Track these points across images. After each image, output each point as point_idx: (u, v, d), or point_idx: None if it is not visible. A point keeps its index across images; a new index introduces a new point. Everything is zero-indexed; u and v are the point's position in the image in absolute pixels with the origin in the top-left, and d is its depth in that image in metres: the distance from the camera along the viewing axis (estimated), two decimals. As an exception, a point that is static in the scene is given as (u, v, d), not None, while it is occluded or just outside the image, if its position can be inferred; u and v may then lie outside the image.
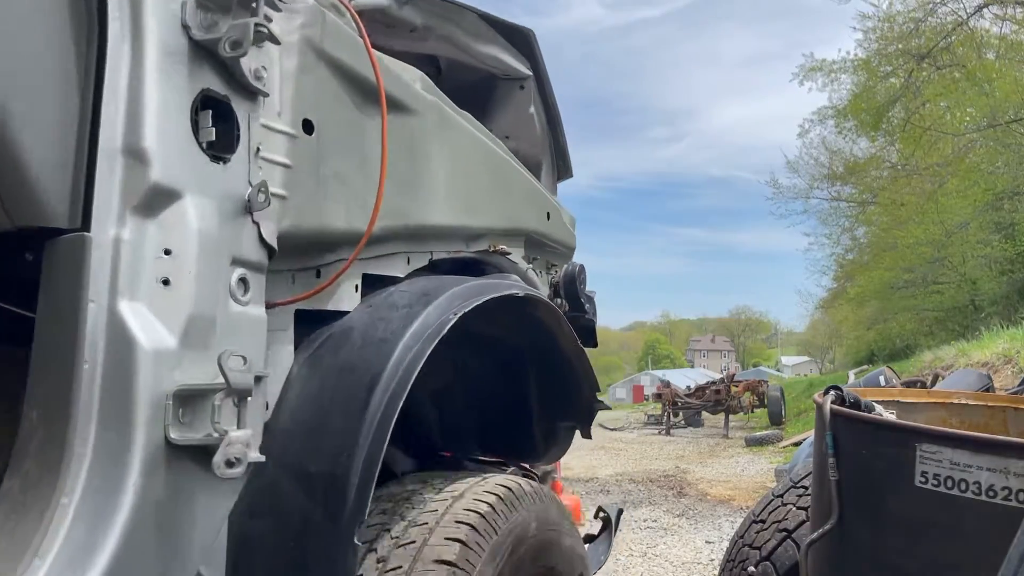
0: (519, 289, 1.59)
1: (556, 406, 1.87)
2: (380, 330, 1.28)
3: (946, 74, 18.03)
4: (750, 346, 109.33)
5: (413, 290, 1.41)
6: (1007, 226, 15.32)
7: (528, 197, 2.05)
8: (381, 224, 1.38)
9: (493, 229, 1.85)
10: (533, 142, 2.41)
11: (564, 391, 1.85)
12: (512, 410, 1.86)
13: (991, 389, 5.20)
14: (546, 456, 1.93)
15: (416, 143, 1.52)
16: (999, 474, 1.17)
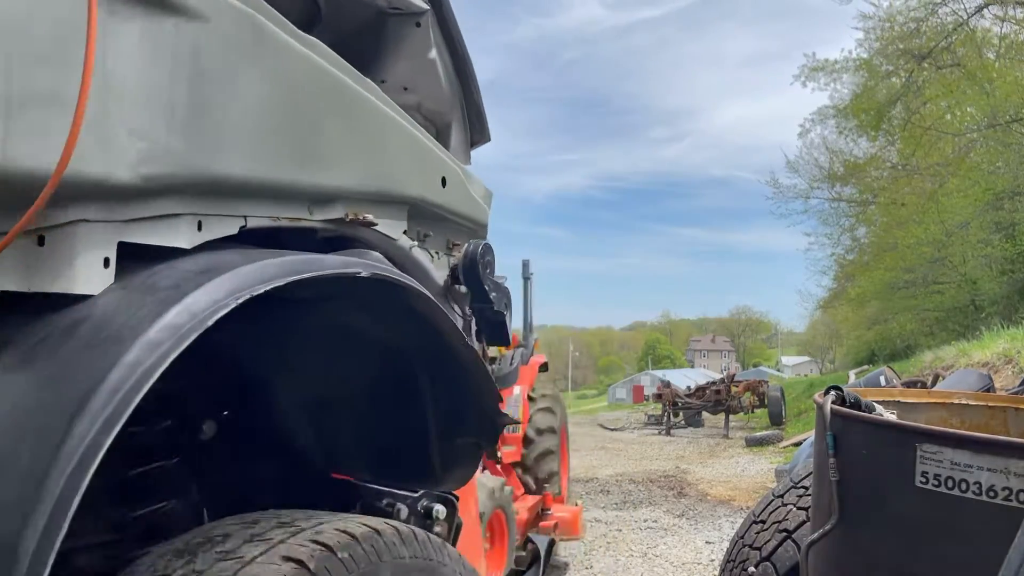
0: (362, 268, 1.17)
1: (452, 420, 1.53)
2: (119, 322, 0.93)
3: (946, 74, 18.03)
4: (750, 346, 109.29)
5: (188, 267, 1.03)
6: (1007, 226, 15.31)
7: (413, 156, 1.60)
8: (143, 170, 0.98)
9: (352, 192, 1.40)
10: (438, 96, 1.96)
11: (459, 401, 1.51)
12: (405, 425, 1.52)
13: (991, 389, 5.19)
14: (447, 479, 1.58)
15: (205, 60, 1.08)
16: (999, 474, 1.17)
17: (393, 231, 1.51)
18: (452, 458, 1.58)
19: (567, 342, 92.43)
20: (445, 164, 1.75)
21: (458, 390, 1.50)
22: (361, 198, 1.43)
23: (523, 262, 6.02)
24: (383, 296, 1.25)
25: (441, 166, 1.74)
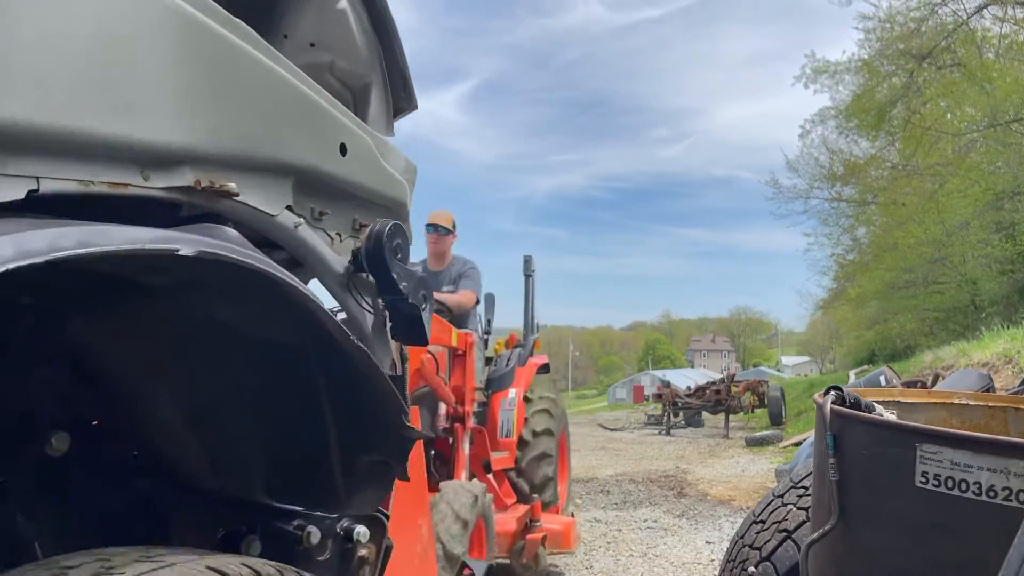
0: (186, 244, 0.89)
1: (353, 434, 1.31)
2: None
3: (946, 74, 18.03)
4: (750, 346, 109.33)
5: None
6: (1008, 226, 15.31)
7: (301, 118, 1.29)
8: None
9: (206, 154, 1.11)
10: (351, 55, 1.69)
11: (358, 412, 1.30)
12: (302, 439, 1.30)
13: (991, 389, 5.18)
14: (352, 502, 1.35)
15: None
16: (999, 474, 1.17)
17: (271, 205, 1.22)
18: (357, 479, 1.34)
19: (567, 342, 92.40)
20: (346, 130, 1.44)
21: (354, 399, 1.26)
22: (220, 162, 1.13)
23: (524, 258, 5.66)
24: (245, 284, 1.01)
25: (341, 132, 1.42)
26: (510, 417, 4.53)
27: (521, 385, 4.81)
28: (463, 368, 3.90)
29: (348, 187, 1.44)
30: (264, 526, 1.27)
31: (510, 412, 4.56)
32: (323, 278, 1.29)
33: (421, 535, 1.94)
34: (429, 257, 4.71)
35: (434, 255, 4.68)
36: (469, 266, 4.70)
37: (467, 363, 3.88)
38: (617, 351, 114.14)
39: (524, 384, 4.88)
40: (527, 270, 5.63)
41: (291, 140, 1.27)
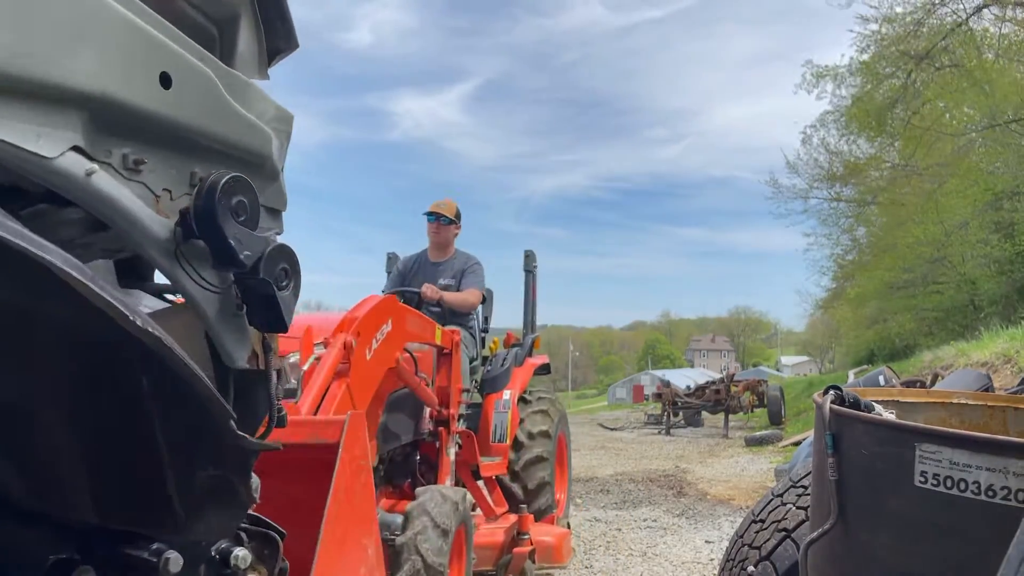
0: None
1: (181, 445, 1.06)
2: None
3: (945, 74, 18.04)
4: (750, 346, 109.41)
5: None
6: (1007, 226, 15.32)
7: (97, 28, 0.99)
8: None
9: None
10: None
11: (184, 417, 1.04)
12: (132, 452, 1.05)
13: (991, 389, 5.19)
14: (194, 526, 1.08)
15: None
16: (999, 474, 1.17)
17: (45, 144, 0.93)
18: (199, 497, 1.11)
19: (567, 342, 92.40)
20: (172, 57, 1.12)
21: (175, 402, 1.02)
22: None
23: (525, 254, 5.30)
24: None
25: (162, 58, 1.08)
26: (504, 420, 4.27)
27: (517, 386, 4.54)
28: (449, 368, 3.63)
29: (178, 130, 1.14)
30: (104, 553, 1.06)
31: (504, 415, 4.29)
32: (142, 245, 1.00)
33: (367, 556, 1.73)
34: (430, 248, 4.52)
35: (435, 245, 4.48)
36: (473, 262, 4.47)
37: (453, 363, 3.61)
38: (617, 351, 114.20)
39: (520, 385, 4.61)
40: (527, 266, 5.30)
41: (78, 59, 0.95)
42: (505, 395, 4.35)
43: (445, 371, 3.61)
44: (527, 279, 5.31)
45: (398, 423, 3.25)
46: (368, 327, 2.71)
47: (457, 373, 3.67)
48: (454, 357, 3.61)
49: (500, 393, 4.36)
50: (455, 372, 3.63)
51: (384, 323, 2.82)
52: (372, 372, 2.72)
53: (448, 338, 3.60)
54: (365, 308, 2.79)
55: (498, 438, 4.24)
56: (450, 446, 3.55)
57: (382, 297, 2.94)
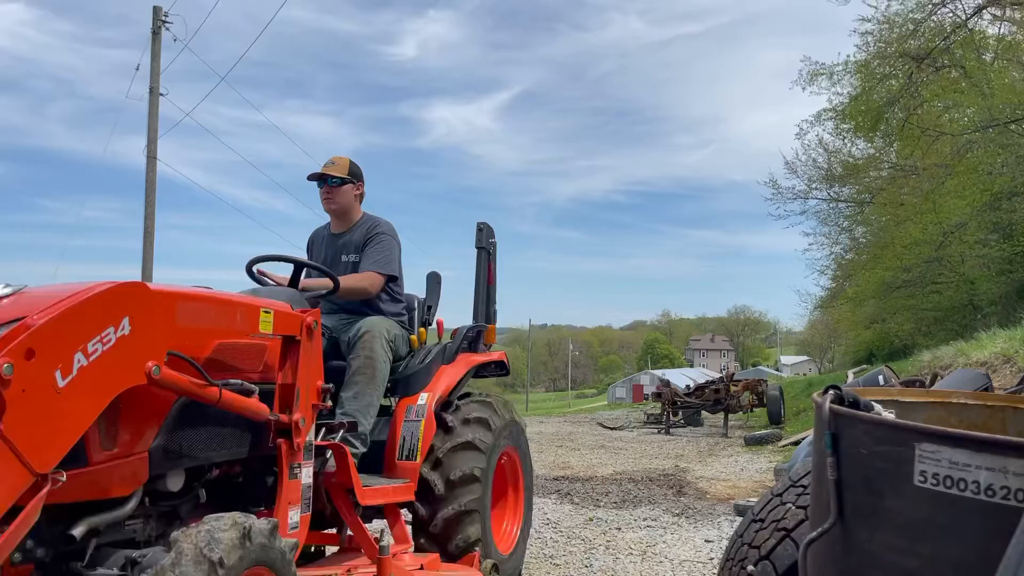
0: None
1: None
2: None
3: (944, 75, 18.05)
4: (749, 345, 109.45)
5: None
6: (1005, 226, 15.33)
7: None
8: None
9: None
10: None
11: None
12: None
13: (990, 388, 5.21)
14: None
15: None
16: (998, 473, 1.17)
17: None
18: None
19: (567, 342, 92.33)
20: None
21: None
22: None
23: (478, 226, 4.07)
24: None
25: None
26: (414, 431, 3.28)
27: (440, 389, 3.46)
28: (295, 361, 2.55)
29: None
30: None
31: (415, 424, 3.29)
32: None
33: None
34: (331, 219, 3.71)
35: (332, 215, 3.66)
36: (377, 230, 3.53)
37: (301, 353, 2.55)
38: (617, 350, 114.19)
39: (445, 388, 3.49)
40: (481, 241, 4.07)
41: None
42: (420, 399, 3.38)
43: (290, 365, 2.56)
44: (480, 257, 4.08)
45: (208, 436, 2.32)
46: (57, 339, 1.71)
47: (312, 367, 2.62)
48: (302, 346, 2.56)
49: (415, 397, 3.40)
50: (303, 365, 2.56)
51: (108, 326, 1.84)
52: (78, 404, 1.75)
53: (291, 322, 2.53)
54: (56, 309, 1.72)
55: (405, 454, 3.26)
56: (298, 464, 2.53)
57: (107, 285, 1.89)
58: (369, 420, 3.15)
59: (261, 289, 3.03)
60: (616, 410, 27.11)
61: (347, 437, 2.97)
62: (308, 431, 2.58)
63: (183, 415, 2.19)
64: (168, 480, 2.22)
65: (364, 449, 3.12)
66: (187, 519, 2.29)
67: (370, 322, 3.28)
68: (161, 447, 2.11)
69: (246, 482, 2.65)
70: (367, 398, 3.14)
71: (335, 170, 3.56)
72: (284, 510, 2.47)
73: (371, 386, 3.16)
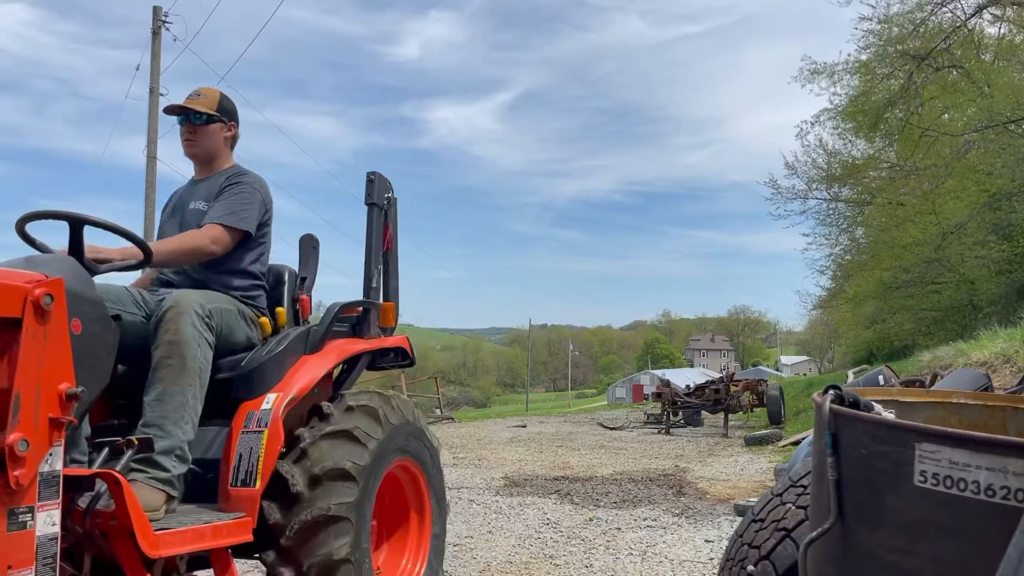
0: None
1: None
2: None
3: (944, 75, 18.06)
4: (749, 345, 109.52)
5: None
6: (1005, 226, 15.33)
7: None
8: None
9: None
10: None
11: None
12: None
13: (990, 388, 5.20)
14: None
15: None
16: (998, 473, 1.17)
17: None
18: None
19: (567, 342, 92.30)
20: None
21: None
22: None
23: (368, 178, 3.25)
24: None
25: None
26: (253, 447, 2.39)
27: (294, 387, 2.60)
28: (14, 354, 1.67)
29: None
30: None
31: (255, 437, 2.41)
32: None
33: None
34: (194, 167, 3.03)
35: (195, 161, 2.98)
36: (240, 178, 2.83)
37: (23, 342, 1.67)
38: (616, 350, 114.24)
39: (303, 385, 2.64)
40: (373, 196, 3.24)
41: None
42: (266, 402, 2.51)
43: (7, 360, 1.67)
44: (372, 215, 3.26)
45: None
46: None
47: (47, 362, 1.72)
48: (26, 332, 1.68)
49: (258, 400, 2.52)
50: (29, 360, 1.68)
51: None
52: None
53: (5, 297, 1.66)
54: None
55: (240, 479, 2.38)
56: (25, 507, 1.65)
57: None
58: (184, 427, 2.30)
59: (33, 257, 2.16)
60: (616, 410, 27.12)
61: (146, 459, 2.18)
62: (41, 458, 1.69)
63: None
64: None
65: (181, 469, 2.29)
66: None
67: (176, 296, 2.42)
68: None
69: None
70: (176, 398, 2.30)
71: (201, 104, 2.84)
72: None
73: (180, 381, 2.31)
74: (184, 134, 2.89)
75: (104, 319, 2.05)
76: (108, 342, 2.08)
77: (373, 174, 3.27)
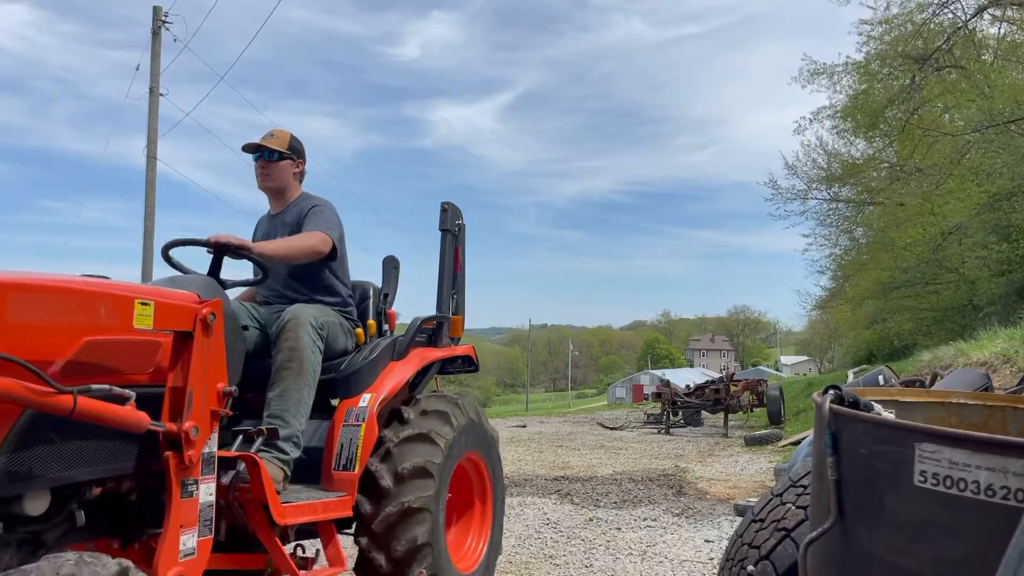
0: None
1: None
2: None
3: (945, 75, 18.06)
4: (749, 345, 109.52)
5: None
6: (1005, 227, 15.32)
7: None
8: None
9: None
10: None
11: None
12: None
13: (990, 388, 5.20)
14: None
15: None
16: (998, 473, 1.17)
17: None
18: None
19: (567, 342, 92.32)
20: None
21: None
22: None
23: (442, 207, 3.68)
24: None
25: None
26: (353, 438, 2.89)
27: (385, 389, 3.08)
28: (187, 360, 2.16)
29: None
30: None
31: (355, 430, 2.91)
32: None
33: None
34: (269, 200, 3.36)
35: (269, 193, 3.31)
36: (317, 203, 3.22)
37: (194, 351, 2.16)
38: (616, 350, 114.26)
39: (392, 387, 3.12)
40: (446, 223, 3.68)
41: None
42: (362, 400, 3.01)
43: (181, 365, 2.18)
44: (445, 241, 3.72)
45: (71, 451, 1.97)
46: None
47: (210, 366, 2.22)
48: (196, 343, 2.17)
49: (356, 399, 3.02)
50: (198, 365, 2.17)
51: None
52: None
53: (179, 315, 2.15)
54: None
55: (342, 464, 2.88)
56: (192, 480, 2.16)
57: None
58: (300, 419, 2.77)
59: (177, 277, 2.66)
60: (616, 410, 27.12)
61: (271, 444, 2.62)
62: (204, 442, 2.17)
63: (33, 428, 1.84)
64: (25, 503, 1.87)
65: (296, 454, 2.74)
66: (57, 545, 1.96)
67: (294, 309, 2.90)
68: (6, 466, 1.78)
69: (140, 501, 2.24)
70: (295, 395, 2.75)
71: (274, 142, 3.22)
72: (174, 534, 2.09)
73: (299, 381, 2.77)
74: (258, 169, 3.27)
75: (238, 330, 2.49)
76: (239, 349, 2.52)
77: (447, 204, 3.71)
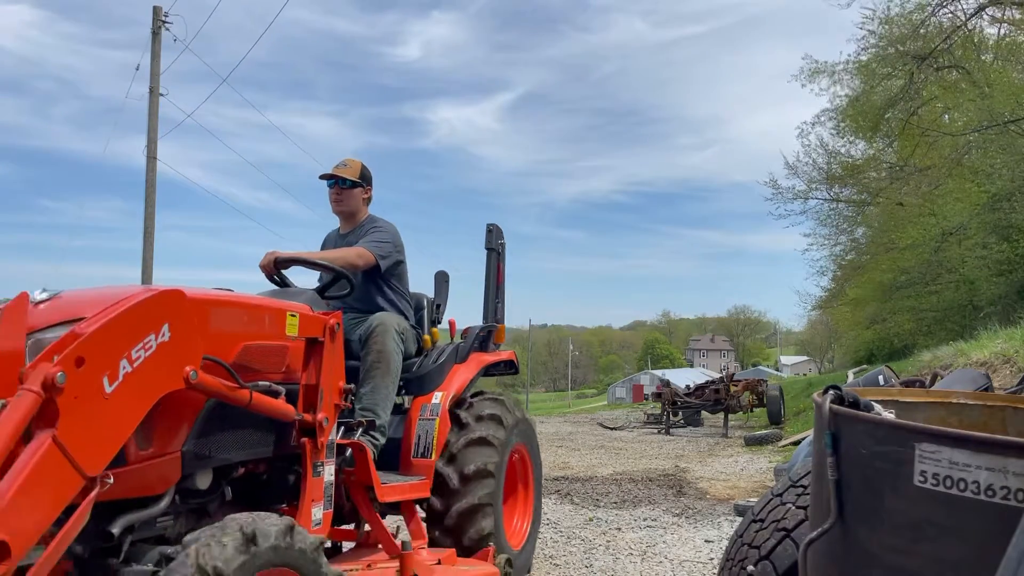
0: None
1: None
2: None
3: (944, 75, 18.05)
4: (749, 346, 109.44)
5: None
6: (1005, 227, 15.31)
7: None
8: None
9: None
10: None
11: None
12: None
13: (990, 389, 5.20)
14: None
15: None
16: (998, 473, 1.17)
17: None
18: None
19: (567, 342, 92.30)
20: None
21: None
22: None
23: (488, 228, 4.21)
24: None
25: None
26: (429, 430, 3.43)
27: (453, 388, 3.62)
28: (319, 362, 2.66)
29: None
30: None
31: (430, 423, 3.45)
32: None
33: None
34: (340, 221, 3.84)
35: (341, 216, 3.79)
36: (378, 223, 3.68)
37: (325, 355, 2.66)
38: (616, 350, 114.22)
39: (458, 386, 3.66)
40: (491, 243, 4.20)
41: None
42: (435, 398, 3.54)
43: (314, 366, 2.68)
44: (490, 258, 4.24)
45: (236, 437, 2.42)
46: (105, 346, 1.78)
47: (334, 368, 2.73)
48: (326, 347, 2.68)
49: (429, 396, 3.55)
50: (326, 366, 2.68)
51: (150, 333, 1.92)
52: (123, 409, 1.83)
53: (314, 324, 2.66)
54: (103, 317, 1.81)
55: (421, 451, 3.42)
56: (320, 462, 2.67)
57: (149, 293, 1.99)
58: (387, 412, 3.26)
59: (282, 291, 3.18)
60: (616, 410, 27.11)
61: (366, 433, 3.10)
62: (331, 430, 2.69)
63: (213, 416, 2.28)
64: (197, 479, 2.31)
65: (383, 441, 3.23)
66: (214, 516, 2.37)
67: (380, 317, 3.39)
68: (192, 447, 2.21)
69: (270, 480, 2.75)
70: (384, 391, 3.25)
71: (347, 172, 3.67)
72: (307, 507, 2.58)
73: (387, 379, 3.26)
74: (333, 195, 3.70)
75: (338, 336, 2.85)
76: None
77: (492, 225, 4.23)
